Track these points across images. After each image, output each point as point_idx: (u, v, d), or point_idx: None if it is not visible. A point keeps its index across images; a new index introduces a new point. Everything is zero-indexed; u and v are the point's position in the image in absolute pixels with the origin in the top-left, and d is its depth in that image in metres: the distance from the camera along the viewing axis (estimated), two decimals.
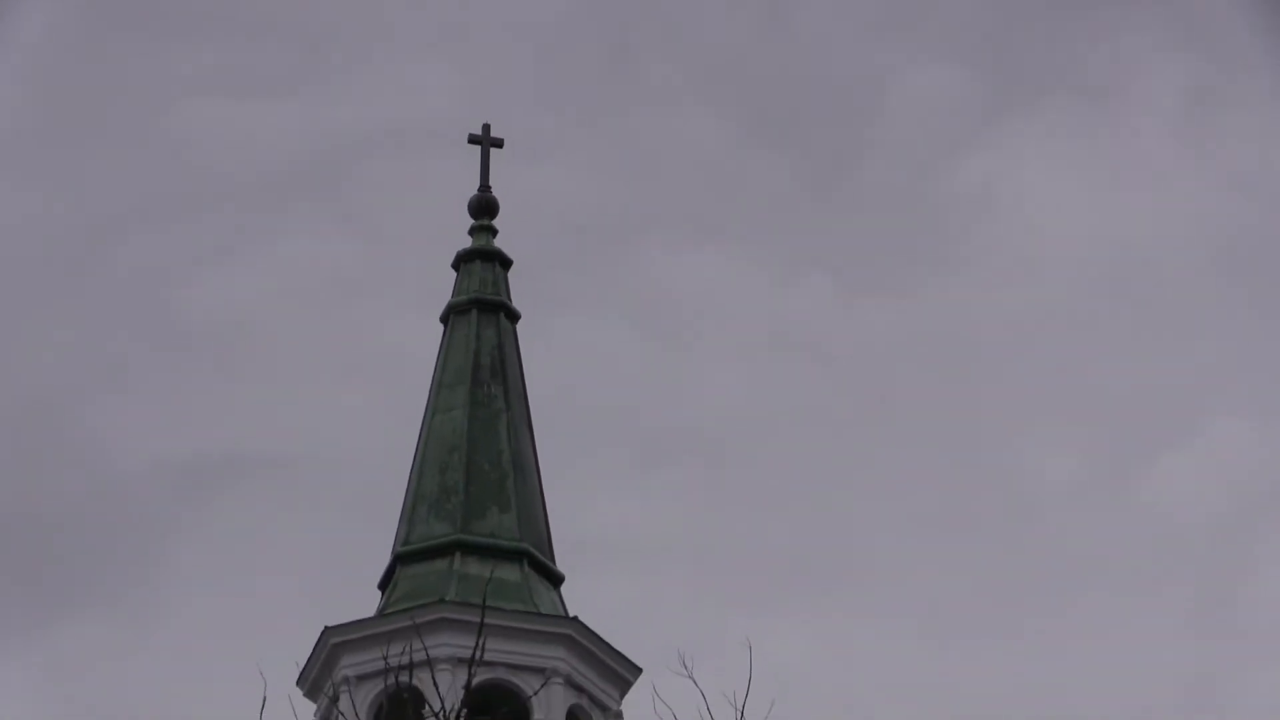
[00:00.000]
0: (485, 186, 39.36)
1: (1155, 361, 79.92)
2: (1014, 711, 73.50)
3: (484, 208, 39.13)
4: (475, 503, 36.69)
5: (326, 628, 34.95)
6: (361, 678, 33.83)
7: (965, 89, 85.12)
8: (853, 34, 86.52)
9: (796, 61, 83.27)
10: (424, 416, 38.31)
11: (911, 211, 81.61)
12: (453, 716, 21.86)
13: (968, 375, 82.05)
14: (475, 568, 35.27)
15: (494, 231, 39.24)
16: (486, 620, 27.85)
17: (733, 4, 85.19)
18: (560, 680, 34.48)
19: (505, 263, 39.19)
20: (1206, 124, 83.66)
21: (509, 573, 35.63)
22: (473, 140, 39.78)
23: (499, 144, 39.80)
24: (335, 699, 33.70)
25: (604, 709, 35.20)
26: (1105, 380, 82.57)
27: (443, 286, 39.24)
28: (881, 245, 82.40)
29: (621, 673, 35.39)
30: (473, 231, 39.32)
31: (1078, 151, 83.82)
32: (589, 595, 37.16)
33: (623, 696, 35.44)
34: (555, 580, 36.98)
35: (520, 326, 39.21)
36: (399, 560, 36.77)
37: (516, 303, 39.22)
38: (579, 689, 34.85)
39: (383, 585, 36.90)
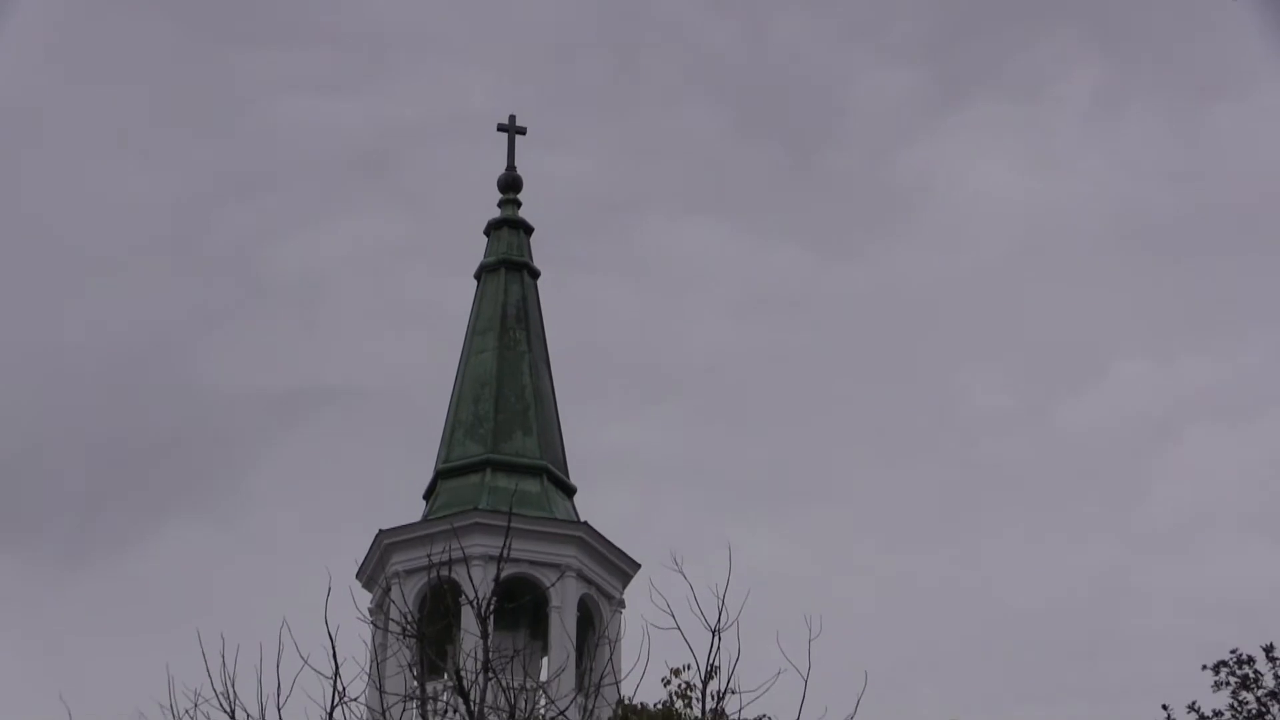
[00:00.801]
0: (511, 167, 39.86)
1: (1068, 313, 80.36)
2: (953, 600, 74.32)
3: (510, 184, 39.68)
4: (503, 428, 37.41)
5: (380, 531, 35.80)
6: (409, 572, 34.60)
7: (913, 90, 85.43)
8: (823, 44, 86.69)
9: (776, 66, 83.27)
10: (460, 357, 38.90)
11: (869, 191, 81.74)
12: (485, 605, 22.42)
13: (915, 325, 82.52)
14: (503, 482, 36.05)
15: (518, 204, 39.76)
16: (512, 525, 28.75)
17: (723, 16, 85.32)
18: (573, 574, 35.32)
19: (528, 230, 39.72)
20: (1110, 118, 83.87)
21: (531, 486, 36.40)
22: (501, 129, 40.17)
23: (523, 131, 40.18)
24: (387, 590, 34.45)
25: (609, 598, 35.96)
26: (1028, 329, 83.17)
27: (476, 250, 40.00)
28: (845, 218, 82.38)
29: (624, 568, 36.20)
30: (501, 204, 39.84)
31: (1004, 141, 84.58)
32: (597, 504, 38.10)
33: (625, 587, 36.20)
34: (569, 492, 37.76)
35: (541, 283, 39.81)
36: (440, 476, 37.58)
37: (537, 263, 39.81)
38: (589, 581, 35.65)
39: (426, 496, 37.75)
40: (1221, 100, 79.76)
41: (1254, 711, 20.48)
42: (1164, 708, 20.77)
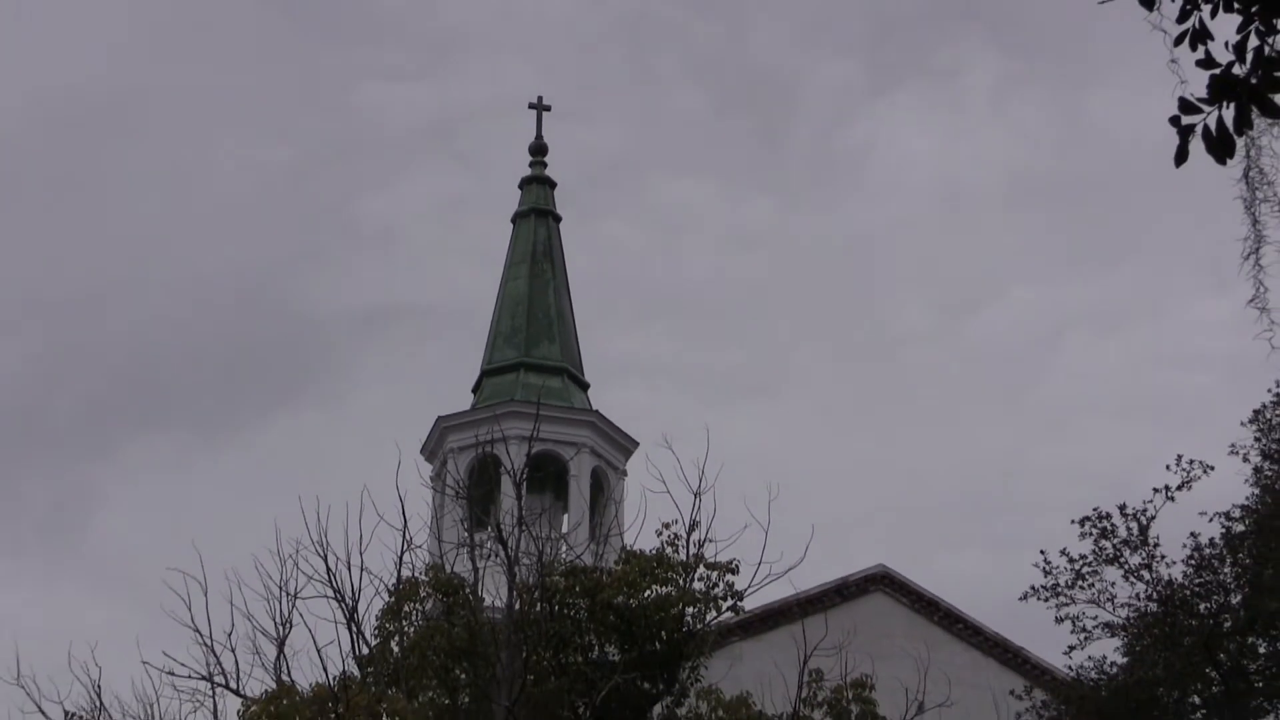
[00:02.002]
0: (539, 136, 39.62)
1: (975, 250, 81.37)
2: (884, 471, 75.04)
3: (538, 150, 39.48)
4: (533, 338, 37.62)
5: (439, 417, 36.11)
6: (460, 449, 34.82)
7: (854, 77, 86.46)
8: (785, 42, 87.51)
9: (750, 59, 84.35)
10: (500, 283, 38.94)
11: (821, 156, 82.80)
12: (519, 474, 22.63)
13: (857, 259, 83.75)
14: (533, 379, 36.27)
15: (545, 165, 39.63)
16: (540, 413, 29.07)
17: (709, 22, 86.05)
18: (587, 451, 35.63)
19: (552, 185, 39.63)
20: (1007, 99, 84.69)
21: (554, 382, 36.65)
22: (531, 107, 40.01)
23: (548, 109, 40.12)
24: (444, 463, 34.84)
25: (615, 469, 36.26)
26: (943, 262, 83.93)
27: (512, 200, 39.92)
28: (802, 178, 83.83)
29: (626, 446, 36.42)
30: (531, 165, 39.66)
31: (926, 117, 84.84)
32: (606, 397, 38.32)
33: (626, 461, 36.44)
34: (584, 387, 37.92)
35: (562, 226, 39.74)
36: (484, 374, 37.74)
37: (560, 210, 39.74)
38: (599, 456, 35.94)
39: (474, 390, 37.92)
40: (1093, 85, 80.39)
41: (1110, 555, 20.55)
42: (1041, 553, 20.84)
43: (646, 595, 19.43)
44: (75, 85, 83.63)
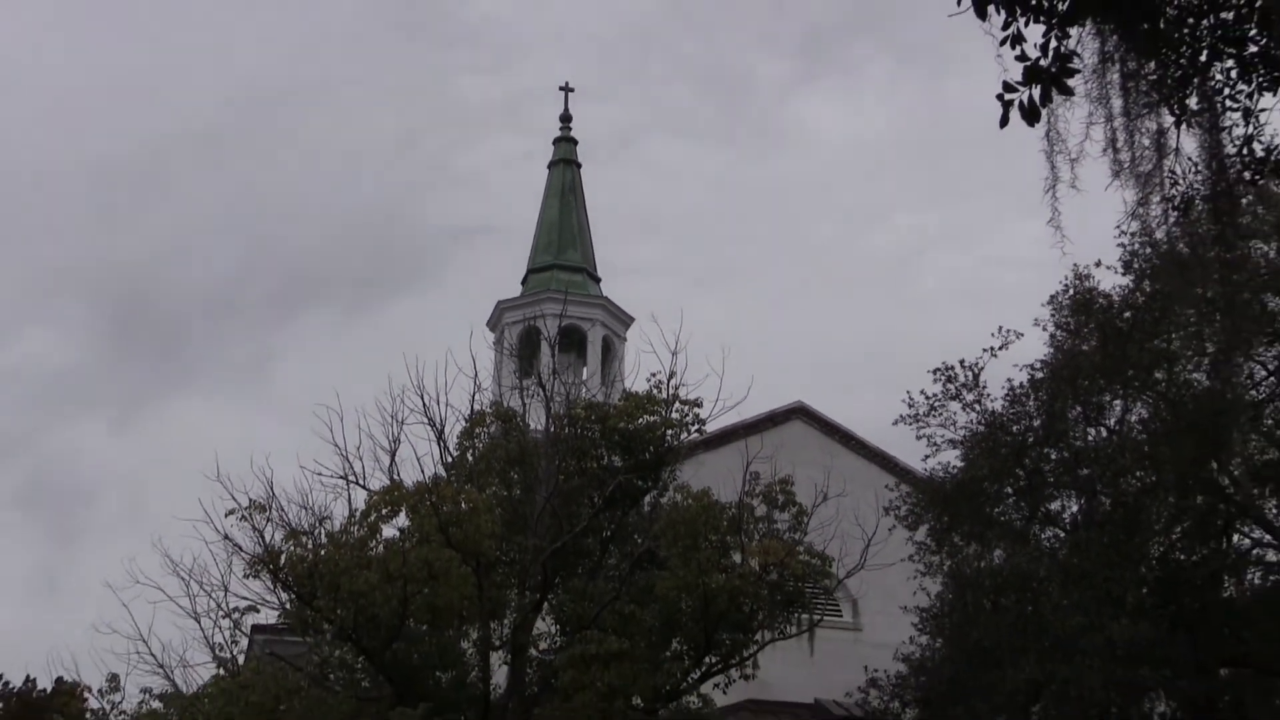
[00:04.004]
0: (566, 108, 39.17)
1: (870, 188, 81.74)
2: (805, 342, 75.29)
3: (565, 118, 38.99)
4: (562, 247, 37.36)
5: (498, 301, 35.99)
6: (513, 323, 34.75)
7: (793, 70, 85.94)
8: (743, 45, 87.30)
9: (718, 57, 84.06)
10: (540, 210, 38.51)
11: (769, 127, 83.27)
12: (553, 340, 22.76)
13: (792, 195, 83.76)
14: (563, 275, 36.03)
15: (570, 128, 39.06)
16: (567, 298, 29.16)
17: (690, 33, 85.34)
18: (599, 324, 35.60)
19: (575, 142, 39.01)
20: (893, 88, 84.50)
21: (577, 278, 36.34)
22: (561, 88, 39.42)
23: (572, 90, 39.45)
24: (502, 332, 34.89)
25: (618, 337, 36.11)
26: (849, 197, 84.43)
27: (548, 153, 39.33)
28: (754, 140, 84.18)
29: (625, 321, 36.21)
30: (560, 128, 39.10)
31: (841, 100, 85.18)
32: (613, 287, 38.12)
33: (626, 331, 36.22)
34: (597, 281, 37.57)
35: (583, 171, 39.17)
36: (529, 272, 37.44)
37: (580, 159, 39.20)
38: (607, 328, 35.87)
39: (522, 282, 37.51)
40: (951, 75, 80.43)
41: (953, 394, 20.71)
42: (908, 393, 21.01)
43: (639, 422, 19.63)
44: (266, 73, 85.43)
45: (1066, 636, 17.87)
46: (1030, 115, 6.55)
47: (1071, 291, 19.84)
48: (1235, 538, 19.80)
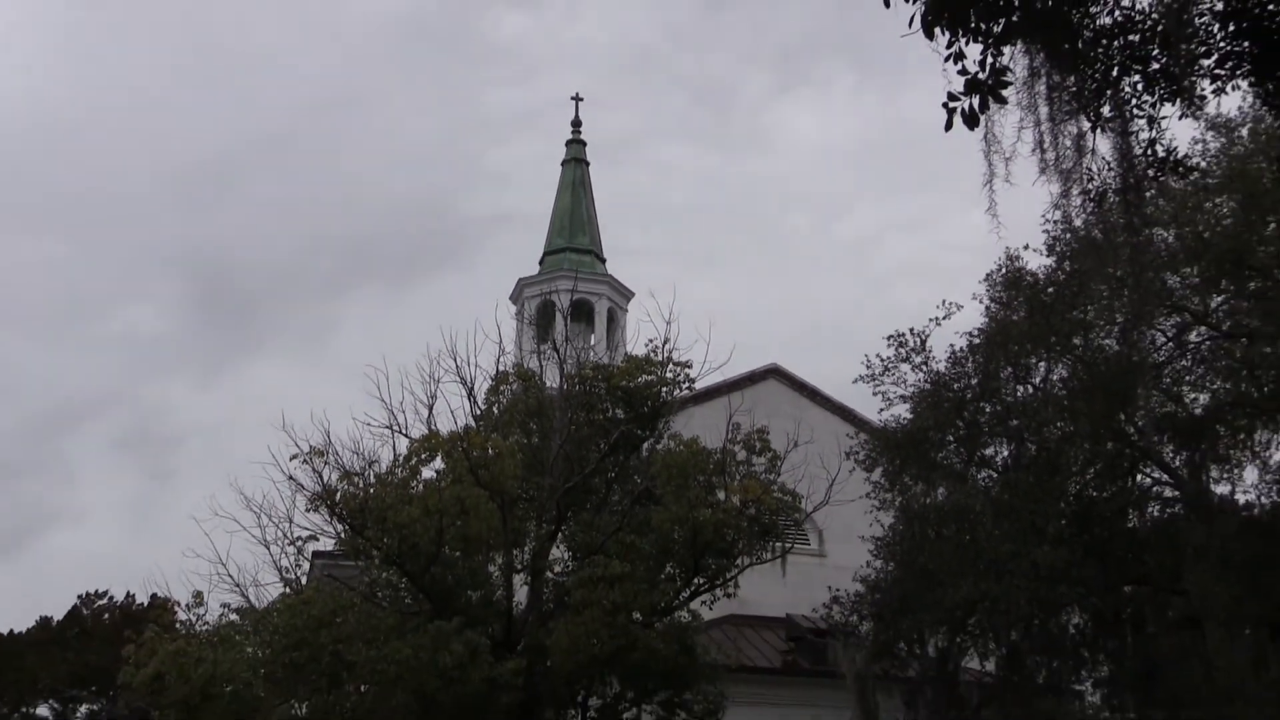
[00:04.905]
0: (577, 114, 38.96)
1: (837, 184, 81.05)
2: (780, 312, 75.04)
3: (577, 123, 38.72)
4: (574, 232, 37.05)
5: (520, 278, 35.68)
6: (531, 297, 34.49)
7: (773, 80, 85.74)
8: (729, 62, 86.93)
9: (712, 70, 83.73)
10: (554, 201, 38.18)
11: (749, 131, 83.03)
12: (566, 312, 22.82)
13: (768, 190, 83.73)
14: (574, 256, 35.84)
15: (580, 131, 38.77)
16: (578, 276, 29.07)
17: (683, 50, 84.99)
18: (605, 298, 35.30)
19: (584, 144, 38.69)
20: (856, 97, 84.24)
21: (586, 258, 36.10)
22: (572, 98, 39.23)
23: (582, 99, 39.24)
24: (523, 304, 34.73)
25: (621, 309, 35.81)
26: (818, 191, 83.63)
27: (561, 152, 38.94)
28: (738, 143, 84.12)
29: (627, 295, 35.87)
30: (572, 131, 38.80)
31: (810, 107, 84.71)
32: (618, 267, 38.04)
33: (628, 304, 35.93)
34: (603, 261, 37.21)
35: (592, 168, 38.88)
36: (546, 253, 37.05)
37: (589, 158, 38.90)
38: (612, 301, 35.58)
39: (540, 262, 37.12)
40: (905, 88, 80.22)
41: (904, 356, 20.65)
42: (865, 356, 20.93)
43: (639, 380, 19.54)
44: (325, 85, 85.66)
45: (997, 561, 17.98)
46: (971, 121, 6.53)
47: (1004, 270, 19.80)
48: (1138, 478, 19.83)
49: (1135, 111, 7.06)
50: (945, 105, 6.52)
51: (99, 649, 38.51)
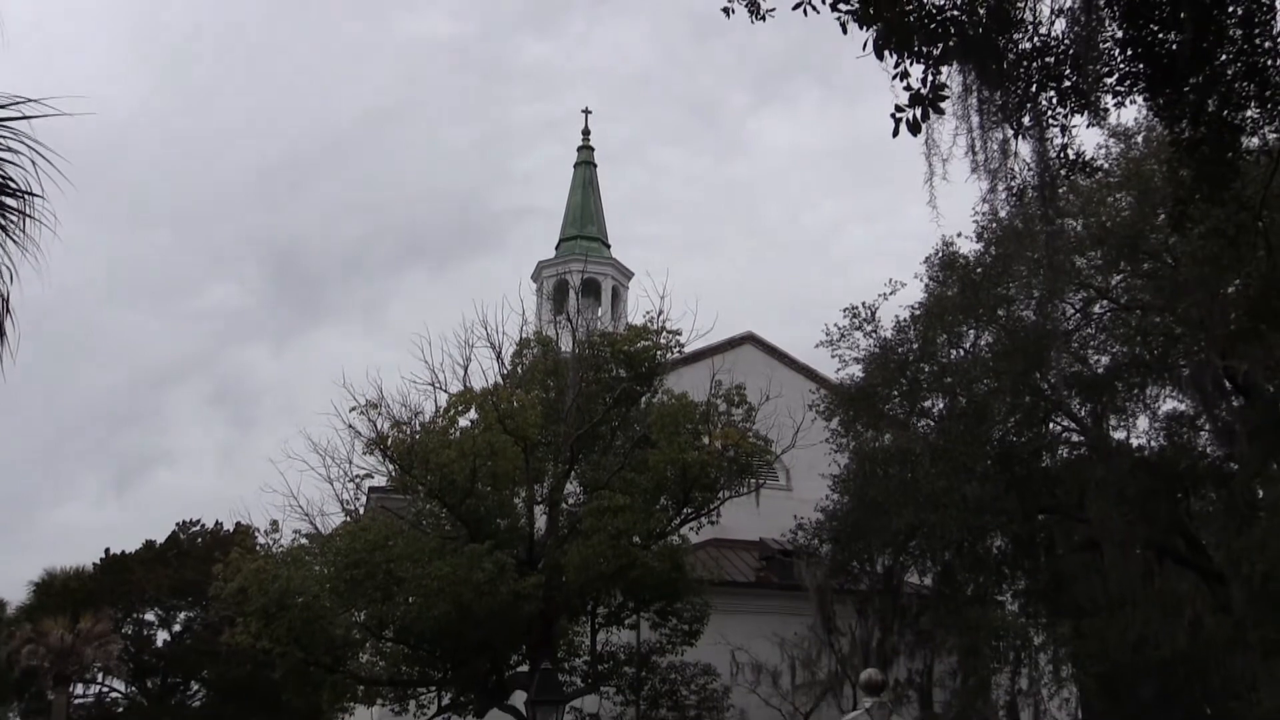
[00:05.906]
0: (586, 124, 38.37)
1: (807, 183, 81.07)
2: (757, 289, 75.06)
3: (586, 132, 38.13)
4: (584, 222, 36.55)
5: (539, 261, 35.20)
6: (549, 277, 34.06)
7: (749, 99, 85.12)
8: (717, 82, 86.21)
9: (698, 90, 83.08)
10: (568, 196, 37.61)
11: (741, 138, 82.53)
12: (579, 289, 22.71)
13: (748, 189, 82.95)
14: (584, 243, 35.38)
15: (590, 137, 38.21)
16: (587, 259, 28.91)
17: (681, 72, 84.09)
18: (610, 278, 34.83)
19: (593, 149, 38.04)
20: (825, 110, 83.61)
21: (594, 245, 35.62)
22: (583, 111, 38.69)
23: (591, 111, 38.65)
24: (542, 283, 34.53)
25: (624, 287, 35.26)
26: (792, 189, 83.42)
27: (574, 155, 38.45)
28: (723, 148, 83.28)
29: (628, 275, 35.32)
30: (582, 137, 38.15)
31: (784, 121, 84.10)
32: (622, 252, 37.73)
33: (629, 282, 35.55)
34: (608, 246, 36.64)
35: (600, 170, 38.20)
36: (561, 240, 36.57)
37: (597, 160, 38.19)
38: (616, 280, 35.15)
39: (556, 248, 36.60)
40: (862, 101, 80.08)
41: (857, 325, 20.51)
42: (825, 324, 20.71)
43: (638, 346, 19.53)
44: (381, 96, 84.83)
45: (934, 494, 18.08)
46: (914, 129, 6.51)
47: (940, 254, 19.71)
48: (1050, 425, 19.86)
49: (1050, 121, 7.07)
50: (893, 116, 6.49)
51: (194, 566, 38.82)
